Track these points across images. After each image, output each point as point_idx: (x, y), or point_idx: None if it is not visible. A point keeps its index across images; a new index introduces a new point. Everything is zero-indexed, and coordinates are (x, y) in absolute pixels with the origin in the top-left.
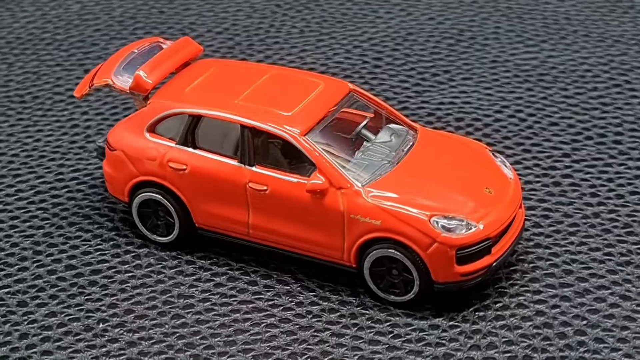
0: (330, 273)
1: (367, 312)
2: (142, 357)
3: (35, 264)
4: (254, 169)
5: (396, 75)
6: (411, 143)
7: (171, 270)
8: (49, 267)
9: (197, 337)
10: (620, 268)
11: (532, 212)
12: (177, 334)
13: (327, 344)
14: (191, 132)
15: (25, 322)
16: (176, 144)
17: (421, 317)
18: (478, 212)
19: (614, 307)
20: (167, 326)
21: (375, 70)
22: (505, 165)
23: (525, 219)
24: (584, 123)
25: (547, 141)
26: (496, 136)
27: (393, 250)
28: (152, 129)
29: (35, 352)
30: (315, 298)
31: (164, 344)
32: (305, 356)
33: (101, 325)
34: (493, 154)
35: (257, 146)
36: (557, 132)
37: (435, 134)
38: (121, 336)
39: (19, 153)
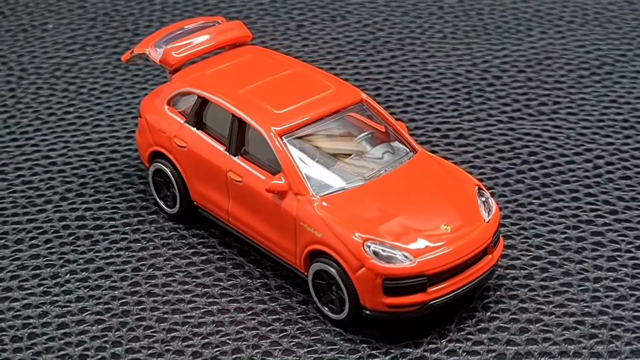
0: (299, 277)
1: (303, 322)
2: (80, 314)
3: (54, 209)
4: (235, 159)
5: (505, 97)
6: (398, 164)
7: (161, 241)
8: (63, 214)
9: (138, 307)
10: (581, 340)
11: (535, 262)
12: (123, 301)
13: (244, 342)
14: (198, 113)
15: (10, 258)
16: (185, 122)
17: (349, 339)
18: (420, 246)
19: None
20: (119, 291)
21: (486, 89)
22: (486, 206)
23: (522, 268)
24: None
25: (605, 194)
26: (557, 178)
27: (328, 266)
28: (170, 103)
29: None
30: (266, 297)
31: (106, 306)
32: (217, 349)
33: (67, 276)
34: (479, 192)
35: (243, 137)
36: (622, 187)
37: (431, 160)
38: (77, 290)
39: (111, 105)
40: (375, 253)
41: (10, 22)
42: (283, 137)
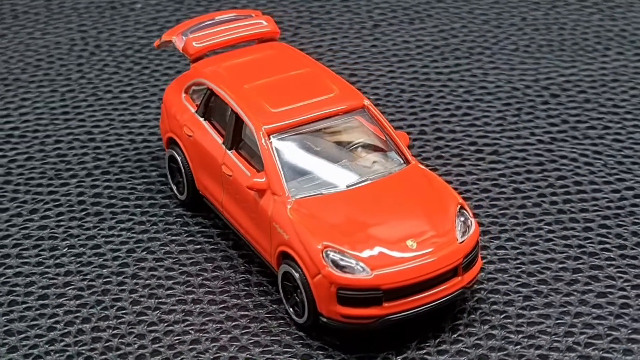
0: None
1: (269, 322)
2: (63, 288)
3: (77, 184)
4: (229, 153)
5: (555, 116)
6: (385, 174)
7: (164, 226)
8: (82, 190)
9: (119, 288)
10: None
11: (522, 289)
12: (107, 280)
13: (205, 335)
14: (206, 104)
15: (20, 227)
16: (195, 111)
17: (307, 344)
18: (380, 259)
19: None
20: (107, 269)
21: (539, 107)
22: (462, 226)
23: (506, 294)
24: None
25: (620, 227)
26: (576, 206)
27: (292, 269)
28: (187, 92)
29: None
30: (242, 293)
31: (90, 282)
32: (177, 339)
33: (64, 250)
34: (460, 211)
35: (240, 132)
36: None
37: (420, 174)
38: (69, 264)
39: (159, 88)
40: (333, 261)
41: None
42: (271, 136)
